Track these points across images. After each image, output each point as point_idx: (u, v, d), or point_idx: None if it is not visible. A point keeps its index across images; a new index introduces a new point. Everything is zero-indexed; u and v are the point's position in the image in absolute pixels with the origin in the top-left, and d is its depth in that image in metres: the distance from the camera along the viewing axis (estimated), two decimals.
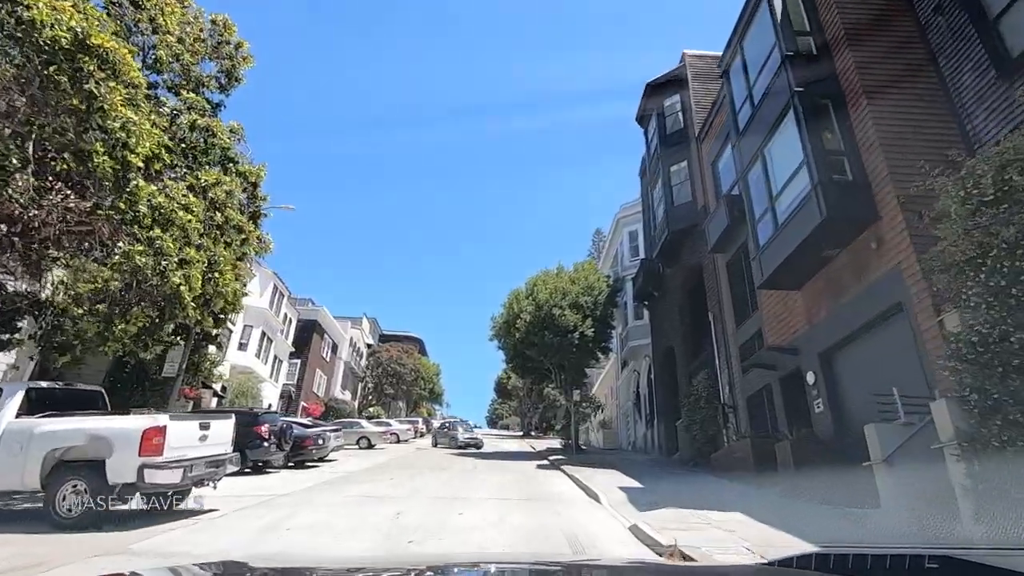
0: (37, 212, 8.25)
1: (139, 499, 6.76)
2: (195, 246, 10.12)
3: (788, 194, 9.24)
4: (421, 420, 41.03)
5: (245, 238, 12.47)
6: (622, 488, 9.99)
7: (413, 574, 1.76)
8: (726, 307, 14.24)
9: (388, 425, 30.13)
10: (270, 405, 29.75)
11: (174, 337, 14.27)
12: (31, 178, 7.90)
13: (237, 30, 12.36)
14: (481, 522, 6.84)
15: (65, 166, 7.74)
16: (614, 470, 13.35)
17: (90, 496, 6.26)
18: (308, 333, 39.23)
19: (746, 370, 12.65)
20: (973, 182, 5.07)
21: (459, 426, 30.34)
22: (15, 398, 7.00)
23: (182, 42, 11.30)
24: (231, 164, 12.28)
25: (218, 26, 12.17)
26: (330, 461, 16.98)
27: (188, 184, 10.67)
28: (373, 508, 7.97)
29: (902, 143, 7.75)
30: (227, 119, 12.49)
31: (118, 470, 6.32)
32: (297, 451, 14.74)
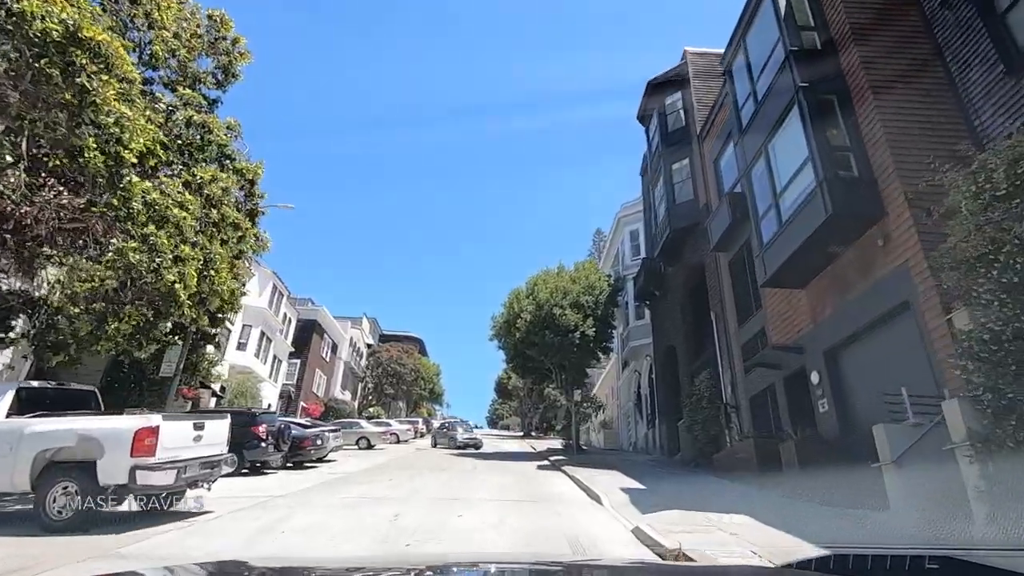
0: (30, 209, 8.14)
1: (133, 501, 6.64)
2: (190, 243, 9.97)
3: (792, 191, 9.12)
4: (421, 420, 40.89)
5: (242, 236, 12.34)
6: (624, 489, 9.86)
7: (413, 574, 1.76)
8: (728, 306, 14.11)
9: (388, 425, 29.99)
10: (269, 405, 29.65)
11: (171, 337, 14.16)
12: (23, 174, 7.79)
13: (234, 25, 12.23)
14: (481, 524, 6.73)
15: (58, 162, 7.62)
16: (615, 471, 13.23)
17: (81, 498, 6.14)
18: (308, 333, 39.15)
19: (749, 370, 12.52)
20: (985, 177, 4.96)
21: (459, 426, 30.17)
22: (5, 398, 6.91)
23: (178, 37, 11.15)
24: (228, 161, 12.16)
25: (215, 21, 12.03)
26: (329, 462, 16.85)
27: (184, 181, 10.54)
28: (371, 509, 7.85)
29: (908, 139, 7.63)
30: (224, 116, 12.39)
31: (109, 471, 6.19)
32: (295, 452, 14.61)
